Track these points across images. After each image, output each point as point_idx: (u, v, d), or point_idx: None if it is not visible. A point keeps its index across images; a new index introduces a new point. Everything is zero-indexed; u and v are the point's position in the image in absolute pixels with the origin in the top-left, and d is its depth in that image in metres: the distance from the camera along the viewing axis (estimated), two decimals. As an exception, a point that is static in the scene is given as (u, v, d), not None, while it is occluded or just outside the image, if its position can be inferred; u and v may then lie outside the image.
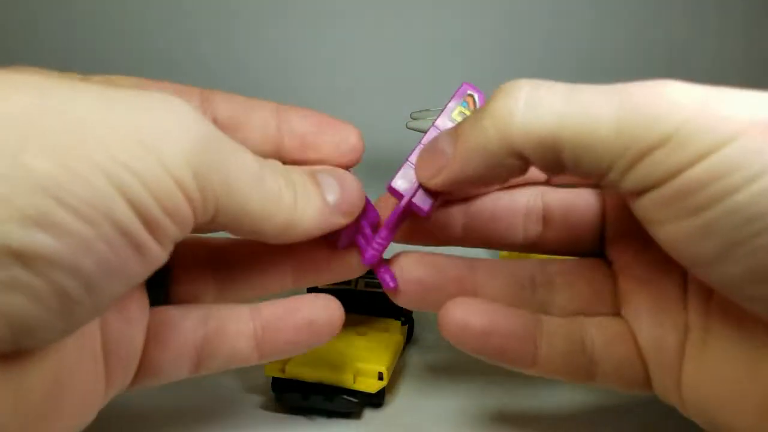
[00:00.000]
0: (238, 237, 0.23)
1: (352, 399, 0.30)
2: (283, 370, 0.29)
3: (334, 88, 0.51)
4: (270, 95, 0.51)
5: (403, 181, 0.24)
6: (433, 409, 0.31)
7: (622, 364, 0.24)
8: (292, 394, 0.30)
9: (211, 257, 0.25)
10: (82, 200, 0.15)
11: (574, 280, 0.25)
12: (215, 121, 0.23)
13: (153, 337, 0.23)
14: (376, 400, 0.31)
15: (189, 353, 0.23)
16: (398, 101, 0.43)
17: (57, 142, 0.15)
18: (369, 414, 0.31)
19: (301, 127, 0.24)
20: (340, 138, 0.24)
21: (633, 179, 0.18)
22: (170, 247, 0.18)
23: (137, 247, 0.17)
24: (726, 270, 0.18)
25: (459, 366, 0.33)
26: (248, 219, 0.20)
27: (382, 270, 0.25)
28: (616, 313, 0.25)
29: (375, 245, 0.25)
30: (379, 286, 0.28)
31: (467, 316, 0.24)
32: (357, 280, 0.34)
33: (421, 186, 0.24)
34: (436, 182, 0.23)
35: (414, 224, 0.26)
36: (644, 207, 0.19)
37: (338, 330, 0.24)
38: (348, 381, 0.30)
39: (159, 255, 0.18)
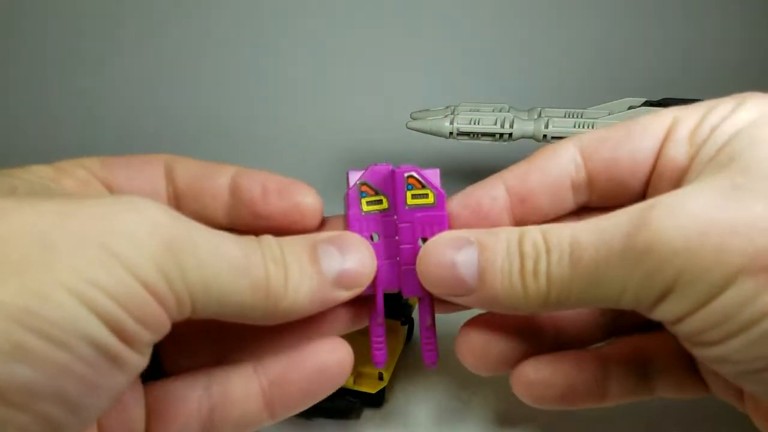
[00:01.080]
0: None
1: (352, 399, 0.30)
2: (283, 370, 0.29)
3: (334, 88, 0.51)
4: (270, 94, 0.51)
5: (408, 286, 0.23)
6: (433, 410, 0.31)
7: (683, 382, 0.24)
8: (292, 394, 0.30)
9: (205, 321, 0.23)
10: (54, 325, 0.15)
11: None
12: (176, 191, 0.23)
13: (155, 416, 0.21)
14: (376, 400, 0.31)
15: (196, 426, 0.22)
16: (398, 101, 0.43)
17: (23, 269, 0.15)
18: (369, 414, 0.31)
19: (251, 194, 0.22)
20: (290, 205, 0.22)
21: (656, 317, 0.19)
22: (148, 351, 0.18)
23: (114, 359, 0.17)
24: (747, 387, 0.20)
25: (458, 366, 0.33)
26: (230, 310, 0.19)
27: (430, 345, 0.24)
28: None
29: (427, 346, 0.24)
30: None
31: (544, 378, 0.23)
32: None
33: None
34: (451, 300, 0.22)
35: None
36: (673, 331, 0.20)
37: (350, 371, 0.23)
38: (348, 381, 0.30)
39: (137, 362, 0.17)
